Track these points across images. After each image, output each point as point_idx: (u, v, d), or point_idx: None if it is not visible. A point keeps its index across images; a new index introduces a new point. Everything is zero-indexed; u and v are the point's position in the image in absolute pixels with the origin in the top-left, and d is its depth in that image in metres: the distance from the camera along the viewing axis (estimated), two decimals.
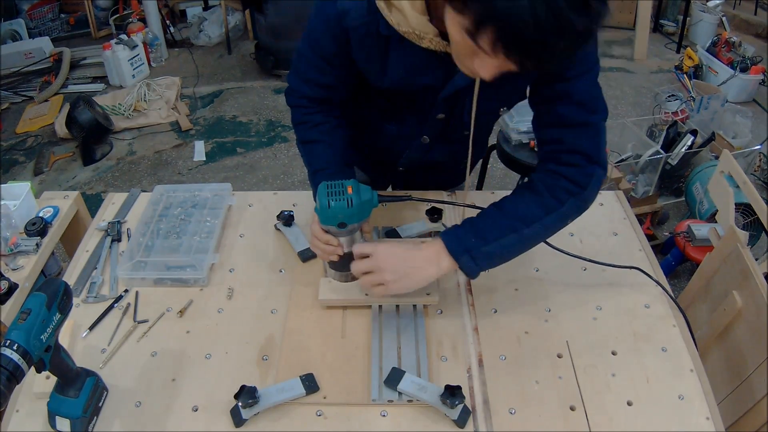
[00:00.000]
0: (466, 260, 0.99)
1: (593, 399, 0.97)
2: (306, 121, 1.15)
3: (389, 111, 1.18)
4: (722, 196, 1.42)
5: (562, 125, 1.01)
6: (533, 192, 1.02)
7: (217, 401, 0.96)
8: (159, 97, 3.74)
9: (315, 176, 1.13)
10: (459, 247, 0.99)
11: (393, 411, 0.95)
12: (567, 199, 1.00)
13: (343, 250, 1.06)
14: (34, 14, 4.44)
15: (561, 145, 1.01)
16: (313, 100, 1.13)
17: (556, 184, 1.01)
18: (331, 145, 1.14)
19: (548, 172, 1.02)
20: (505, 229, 1.00)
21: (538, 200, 1.01)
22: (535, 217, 1.00)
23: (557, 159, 1.02)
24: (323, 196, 1.00)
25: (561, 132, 1.01)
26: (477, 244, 0.99)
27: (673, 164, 2.70)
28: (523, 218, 1.00)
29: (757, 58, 3.74)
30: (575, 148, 1.00)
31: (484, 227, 1.01)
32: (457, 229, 1.02)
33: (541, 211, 1.00)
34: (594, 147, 1.01)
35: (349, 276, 1.11)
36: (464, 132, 1.12)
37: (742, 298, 1.29)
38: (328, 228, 1.04)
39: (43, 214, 1.44)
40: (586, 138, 1.01)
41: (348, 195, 0.99)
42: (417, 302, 1.11)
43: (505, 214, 1.01)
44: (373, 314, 1.10)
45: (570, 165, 1.01)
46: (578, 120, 1.00)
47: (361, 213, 1.02)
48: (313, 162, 1.14)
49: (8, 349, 0.75)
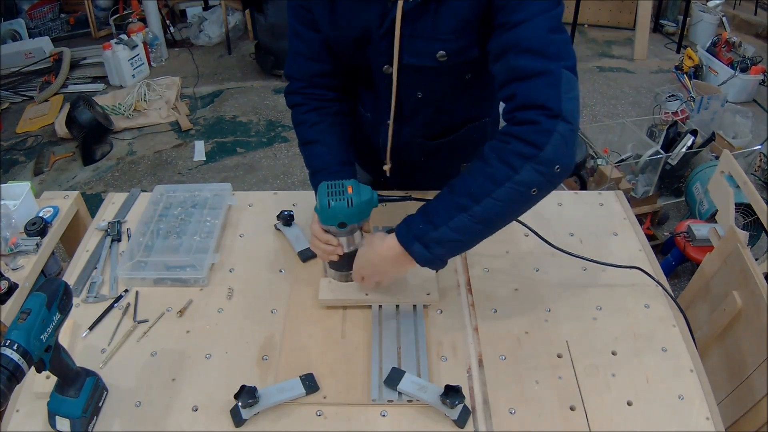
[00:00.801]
0: (418, 249, 0.93)
1: (593, 399, 0.97)
2: (304, 121, 1.15)
3: (355, 89, 1.19)
4: (722, 196, 1.42)
5: (515, 79, 0.89)
6: (482, 161, 0.90)
7: (217, 401, 0.96)
8: (159, 97, 3.74)
9: (314, 177, 1.13)
10: (408, 234, 0.94)
11: (393, 411, 0.95)
12: (521, 165, 0.86)
13: (343, 250, 1.06)
14: (34, 14, 4.45)
15: (515, 101, 0.89)
16: (310, 95, 1.15)
17: (504, 148, 0.88)
18: (329, 144, 1.14)
19: (499, 136, 0.90)
20: (454, 209, 0.90)
21: (486, 171, 0.89)
22: (484, 191, 0.88)
23: (512, 119, 0.90)
24: (323, 196, 1.00)
25: (514, 87, 0.89)
26: (426, 229, 0.92)
27: (673, 164, 2.70)
28: (472, 194, 0.89)
29: (757, 58, 3.74)
30: (530, 102, 0.87)
31: (434, 210, 0.93)
32: (409, 217, 0.96)
33: (490, 183, 0.88)
34: (553, 98, 0.86)
35: (349, 276, 1.11)
36: (417, 95, 1.10)
37: (742, 298, 1.29)
38: (328, 228, 1.04)
39: (43, 214, 1.44)
40: (543, 88, 0.86)
41: (348, 195, 0.99)
42: (417, 302, 1.11)
43: (454, 193, 0.91)
44: (373, 314, 1.10)
45: (524, 123, 0.87)
46: (531, 69, 0.87)
47: (361, 213, 1.02)
48: (313, 163, 1.15)
49: (8, 348, 0.75)
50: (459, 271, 1.21)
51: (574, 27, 4.50)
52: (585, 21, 4.79)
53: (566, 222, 1.32)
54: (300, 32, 1.10)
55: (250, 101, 3.84)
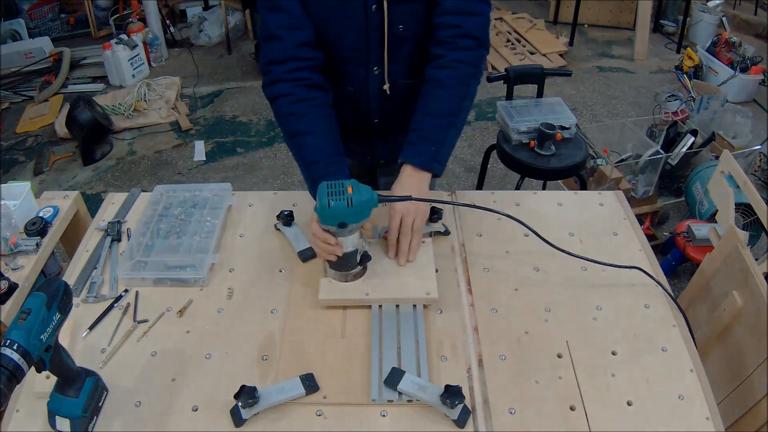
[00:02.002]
0: (436, 166, 1.18)
1: (593, 399, 0.97)
2: (292, 112, 1.18)
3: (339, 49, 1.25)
4: (722, 196, 1.42)
5: (461, 13, 1.17)
6: (446, 88, 1.19)
7: (217, 401, 0.96)
8: (159, 97, 3.74)
9: (309, 169, 1.16)
10: (426, 159, 1.17)
11: (393, 411, 0.95)
12: (470, 82, 1.21)
13: (342, 250, 1.06)
14: (34, 14, 4.45)
15: (458, 29, 1.18)
16: (296, 82, 1.18)
17: (459, 74, 1.19)
18: (321, 135, 1.18)
19: (448, 63, 1.19)
20: (446, 127, 1.19)
21: (453, 94, 1.19)
22: (457, 108, 1.20)
23: (453, 44, 1.18)
24: (323, 196, 1.00)
25: (461, 19, 1.17)
26: (436, 150, 1.18)
27: (673, 164, 2.70)
28: (451, 113, 1.19)
29: (757, 58, 3.74)
30: (471, 33, 1.18)
31: (431, 134, 1.18)
32: (414, 148, 1.18)
33: (459, 101, 1.20)
34: (484, 33, 1.21)
35: (350, 276, 1.12)
36: (399, 28, 1.20)
37: (742, 298, 1.29)
38: (328, 228, 1.04)
39: (43, 214, 1.44)
40: (480, 25, 1.20)
41: (348, 195, 0.99)
42: (417, 302, 1.11)
43: (437, 116, 1.19)
44: (373, 314, 1.10)
45: (465, 49, 1.18)
46: (474, 9, 1.18)
47: (361, 213, 1.02)
48: (306, 155, 1.18)
49: (8, 348, 0.75)
50: (459, 271, 1.21)
51: (574, 27, 4.50)
52: (585, 21, 4.79)
53: (566, 222, 1.32)
54: (279, 4, 1.15)
55: (250, 101, 3.84)
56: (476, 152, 3.33)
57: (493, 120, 3.62)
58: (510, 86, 2.33)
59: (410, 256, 1.17)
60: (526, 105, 2.19)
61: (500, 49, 4.22)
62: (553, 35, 4.43)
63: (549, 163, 2.03)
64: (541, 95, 2.36)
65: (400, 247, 1.17)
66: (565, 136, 2.09)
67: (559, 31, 4.60)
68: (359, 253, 1.10)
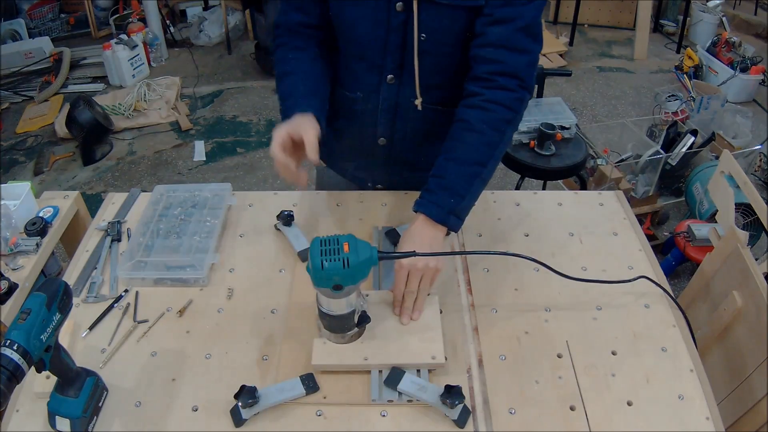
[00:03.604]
0: (453, 220, 1.06)
1: (593, 399, 0.97)
2: (284, 57, 1.17)
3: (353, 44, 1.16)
4: (722, 196, 1.42)
5: (506, 47, 1.04)
6: (477, 132, 1.06)
7: (217, 401, 0.96)
8: (159, 97, 3.74)
9: (285, 102, 1.13)
10: (442, 212, 1.05)
11: (393, 411, 0.95)
12: (506, 129, 1.07)
13: (306, 181, 1.03)
14: (34, 14, 4.45)
15: (500, 65, 1.05)
16: (295, 34, 1.16)
17: (494, 117, 1.05)
18: (304, 72, 1.14)
19: (482, 104, 1.06)
20: (470, 177, 1.06)
21: (484, 140, 1.06)
22: (487, 156, 1.06)
23: (492, 81, 1.05)
24: (316, 256, 0.89)
25: (504, 54, 1.04)
26: (456, 202, 1.05)
27: (673, 164, 2.70)
28: (479, 162, 1.06)
29: (757, 58, 3.74)
30: (514, 72, 1.05)
31: (453, 183, 1.05)
32: (432, 196, 1.06)
33: (491, 149, 1.06)
34: (529, 74, 1.07)
35: (346, 337, 1.01)
36: (421, 37, 1.07)
37: (742, 298, 1.29)
38: (321, 290, 0.94)
39: (43, 214, 1.44)
40: (526, 64, 1.06)
41: (344, 254, 0.89)
42: (421, 367, 1.00)
43: (463, 163, 1.06)
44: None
45: (504, 89, 1.05)
46: (522, 45, 1.04)
47: (359, 274, 0.91)
48: (284, 91, 1.14)
49: (8, 349, 0.75)
50: (459, 271, 1.21)
51: (574, 27, 4.50)
52: (585, 21, 4.79)
53: (566, 222, 1.32)
54: None
55: (250, 101, 3.84)
56: None
57: None
58: None
59: (414, 314, 1.05)
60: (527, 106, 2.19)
61: None
62: (553, 35, 4.43)
63: (549, 163, 2.03)
64: (541, 95, 2.36)
65: (404, 305, 1.05)
66: (565, 136, 2.10)
67: (559, 31, 4.60)
68: (356, 314, 0.99)
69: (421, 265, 1.03)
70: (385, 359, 0.99)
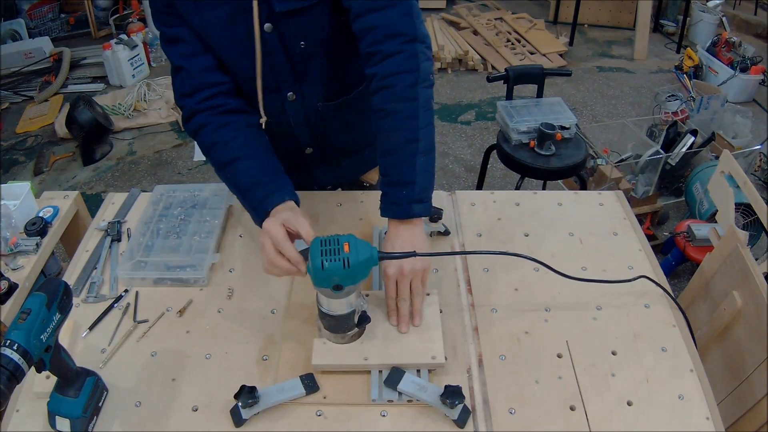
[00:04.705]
0: (418, 209, 1.01)
1: (593, 399, 0.97)
2: (216, 141, 1.09)
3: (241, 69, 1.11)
4: (722, 196, 1.42)
5: (372, 10, 0.98)
6: (391, 114, 1.00)
7: (217, 401, 0.96)
8: (159, 96, 3.74)
9: (247, 196, 1.06)
10: (402, 207, 1.00)
11: (393, 411, 0.95)
12: (416, 93, 0.99)
13: (304, 268, 0.94)
14: (34, 14, 4.45)
15: (375, 31, 0.99)
16: (212, 109, 1.09)
17: (397, 91, 0.99)
18: (253, 157, 1.07)
19: (381, 83, 1.00)
20: (409, 160, 0.99)
21: (401, 117, 0.99)
22: (414, 129, 0.99)
23: (377, 54, 0.99)
24: (316, 256, 0.89)
25: (373, 18, 0.98)
26: (410, 191, 1.00)
27: (673, 164, 2.70)
28: (409, 140, 0.99)
29: (757, 58, 3.74)
30: (391, 31, 0.98)
31: (398, 176, 1.01)
32: (387, 198, 1.02)
33: (414, 120, 0.99)
34: (408, 23, 0.99)
35: (346, 337, 1.01)
36: (300, 45, 1.06)
37: (742, 298, 1.29)
38: (321, 290, 0.94)
39: (43, 214, 1.44)
40: (398, 15, 0.98)
41: (344, 254, 0.89)
42: (421, 367, 1.00)
43: (395, 152, 1.01)
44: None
45: (391, 56, 0.98)
46: (384, 1, 0.98)
47: (360, 274, 0.91)
48: (240, 183, 1.07)
49: (8, 349, 0.75)
50: (459, 271, 1.21)
51: (574, 27, 4.50)
52: (585, 21, 4.79)
53: (566, 222, 1.32)
54: (175, 35, 1.06)
55: None
56: (476, 152, 3.33)
57: (492, 120, 3.62)
58: (510, 86, 2.33)
59: (415, 320, 1.03)
60: (526, 105, 2.19)
61: (500, 49, 4.22)
62: (553, 35, 4.44)
63: (549, 163, 2.03)
64: (541, 95, 2.36)
65: (400, 313, 1.03)
66: (565, 136, 2.09)
67: (559, 31, 4.60)
68: (357, 314, 0.98)
69: (407, 269, 1.00)
70: (385, 359, 1.00)
